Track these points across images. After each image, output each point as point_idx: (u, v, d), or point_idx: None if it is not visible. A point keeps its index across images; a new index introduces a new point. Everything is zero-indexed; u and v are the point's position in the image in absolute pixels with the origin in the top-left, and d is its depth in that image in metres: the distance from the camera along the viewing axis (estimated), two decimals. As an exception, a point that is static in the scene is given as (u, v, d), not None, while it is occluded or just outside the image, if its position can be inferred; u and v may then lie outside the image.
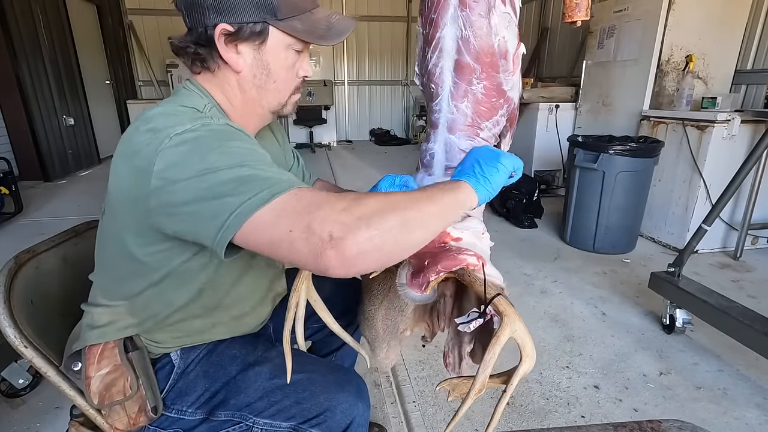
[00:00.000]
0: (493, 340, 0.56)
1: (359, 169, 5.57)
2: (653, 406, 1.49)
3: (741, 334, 1.56)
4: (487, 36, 0.72)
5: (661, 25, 2.89)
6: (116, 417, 0.75)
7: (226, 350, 0.84)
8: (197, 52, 0.67)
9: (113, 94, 6.32)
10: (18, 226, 3.32)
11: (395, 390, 1.56)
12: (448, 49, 0.73)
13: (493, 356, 0.56)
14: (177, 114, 0.63)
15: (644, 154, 2.59)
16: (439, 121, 0.76)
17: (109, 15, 6.20)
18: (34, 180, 4.62)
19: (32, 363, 0.76)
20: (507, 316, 0.58)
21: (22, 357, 0.75)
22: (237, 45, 0.66)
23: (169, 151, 0.56)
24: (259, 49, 0.67)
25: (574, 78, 4.45)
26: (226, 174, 0.53)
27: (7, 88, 4.30)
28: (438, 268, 0.65)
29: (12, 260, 0.81)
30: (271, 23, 0.65)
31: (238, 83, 0.70)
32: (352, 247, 0.47)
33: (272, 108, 0.75)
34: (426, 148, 0.78)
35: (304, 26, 0.67)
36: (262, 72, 0.69)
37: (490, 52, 0.73)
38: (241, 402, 0.76)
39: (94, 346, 0.75)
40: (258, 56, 0.67)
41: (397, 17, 7.71)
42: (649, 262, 2.67)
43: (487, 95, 0.75)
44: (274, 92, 0.72)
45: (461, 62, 0.73)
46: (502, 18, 0.73)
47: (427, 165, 0.77)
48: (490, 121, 0.77)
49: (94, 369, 0.74)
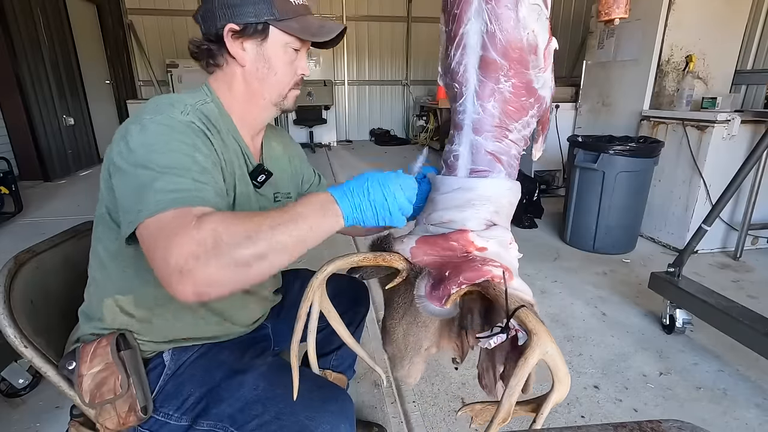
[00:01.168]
0: (520, 362, 0.50)
1: (359, 169, 5.57)
2: (653, 406, 1.49)
3: (741, 334, 1.56)
4: (515, 30, 0.67)
5: (661, 25, 2.89)
6: (107, 416, 0.74)
7: (216, 355, 0.84)
8: (209, 48, 0.78)
9: (113, 94, 6.32)
10: (18, 226, 3.32)
11: (395, 390, 1.57)
12: (472, 44, 0.68)
13: (520, 381, 0.50)
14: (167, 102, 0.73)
15: (644, 154, 2.59)
16: (464, 122, 0.71)
17: (109, 15, 6.20)
18: (34, 180, 4.62)
19: (32, 363, 0.76)
20: (536, 334, 0.51)
21: (22, 357, 0.75)
22: (242, 42, 0.76)
23: (130, 127, 0.68)
24: (261, 46, 0.77)
25: (574, 78, 4.45)
26: (150, 176, 0.61)
27: (7, 88, 4.30)
28: (460, 279, 0.61)
29: (12, 260, 0.81)
30: (271, 23, 0.76)
31: (243, 76, 0.80)
32: (201, 280, 0.52)
33: (273, 99, 0.82)
34: (449, 150, 0.73)
35: (299, 26, 0.77)
36: (263, 65, 0.78)
37: (518, 47, 0.67)
38: (223, 412, 0.75)
39: (87, 344, 0.76)
40: (260, 51, 0.78)
41: (397, 17, 7.71)
42: (649, 262, 2.67)
43: (515, 94, 0.69)
44: (275, 84, 0.80)
45: (487, 58, 0.68)
46: (532, 10, 0.68)
47: (451, 167, 0.73)
48: (519, 122, 0.72)
49: (87, 367, 0.74)
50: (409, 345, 0.74)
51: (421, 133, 7.35)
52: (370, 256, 0.68)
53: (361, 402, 1.51)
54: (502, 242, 0.69)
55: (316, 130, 7.33)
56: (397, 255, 0.70)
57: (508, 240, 0.70)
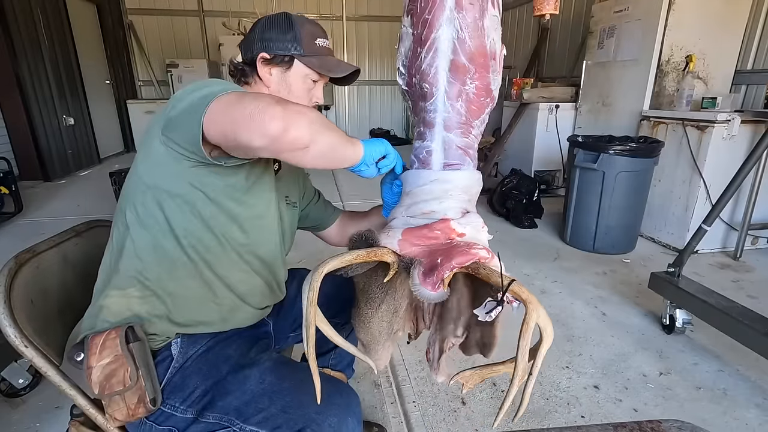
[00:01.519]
0: (524, 328, 0.59)
1: (359, 169, 5.57)
2: (653, 406, 1.50)
3: (741, 334, 1.56)
4: (481, 37, 0.76)
5: (661, 25, 2.90)
6: (115, 408, 0.75)
7: (222, 349, 0.85)
8: (243, 69, 0.94)
9: (113, 93, 6.33)
10: (18, 226, 3.32)
11: (395, 390, 1.57)
12: (443, 49, 0.76)
13: (527, 342, 0.59)
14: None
15: (644, 154, 2.59)
16: (435, 120, 0.78)
17: (109, 15, 6.21)
18: (34, 180, 4.62)
19: (32, 363, 0.76)
20: (531, 303, 0.61)
21: (22, 357, 0.76)
22: (271, 68, 0.92)
23: (180, 90, 0.76)
24: (285, 73, 0.92)
25: (574, 78, 4.45)
26: (209, 89, 0.71)
27: (7, 88, 4.31)
28: (452, 264, 0.67)
29: (12, 260, 0.81)
30: (297, 57, 0.91)
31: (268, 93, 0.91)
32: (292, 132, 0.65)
33: None
34: (421, 146, 0.80)
35: (319, 63, 0.93)
36: (284, 89, 0.93)
37: (483, 53, 0.77)
38: (229, 405, 0.77)
39: (96, 336, 0.77)
40: (284, 78, 0.92)
41: (397, 17, 7.60)
42: (649, 262, 2.67)
43: (477, 95, 0.78)
44: None
45: (457, 62, 0.76)
46: (492, 21, 0.78)
47: (424, 161, 0.79)
48: (479, 119, 0.81)
49: (96, 359, 0.75)
50: (383, 331, 0.81)
51: (421, 133, 7.35)
52: (363, 253, 0.72)
53: (361, 402, 1.50)
54: (477, 227, 0.77)
55: (316, 130, 7.32)
56: (386, 249, 0.75)
57: (480, 224, 0.78)
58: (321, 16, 7.46)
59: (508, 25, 6.37)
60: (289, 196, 1.04)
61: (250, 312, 0.94)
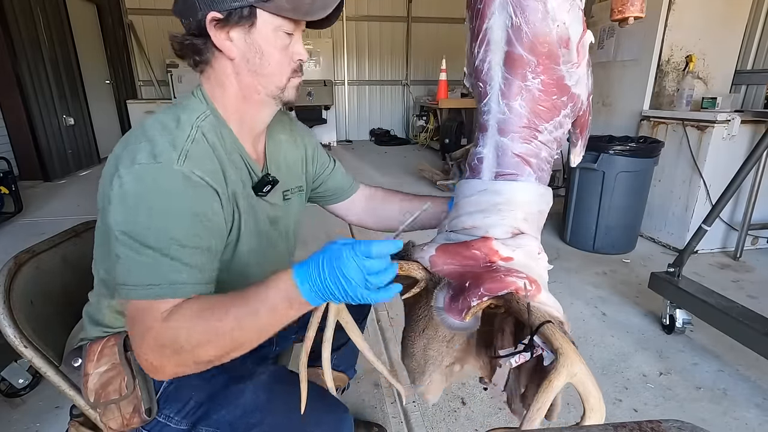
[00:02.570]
0: (544, 385, 0.45)
1: (359, 169, 5.57)
2: (653, 406, 1.49)
3: (741, 334, 1.56)
4: (543, 22, 0.62)
5: (661, 25, 2.89)
6: (111, 416, 0.74)
7: None
8: (193, 42, 0.70)
9: (113, 93, 6.31)
10: (18, 226, 3.32)
11: (395, 390, 1.56)
12: (496, 40, 0.63)
13: (542, 407, 0.45)
14: (163, 132, 0.68)
15: (644, 154, 2.59)
16: (489, 123, 0.66)
17: (109, 15, 6.20)
18: (34, 180, 4.62)
19: (32, 363, 0.76)
20: (563, 354, 0.46)
21: (22, 357, 0.75)
22: (228, 31, 0.68)
23: (119, 192, 0.63)
24: (250, 33, 0.68)
25: (574, 78, 4.44)
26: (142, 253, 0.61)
27: (7, 88, 4.30)
28: (481, 291, 0.56)
29: (12, 260, 0.81)
30: (258, 5, 0.67)
31: (234, 71, 0.72)
32: (166, 372, 0.61)
33: (271, 92, 0.75)
34: (474, 152, 0.69)
35: (289, 4, 0.68)
36: (255, 55, 0.70)
37: (547, 41, 0.62)
38: (222, 418, 0.75)
39: (95, 343, 0.76)
40: (249, 40, 0.69)
41: (397, 17, 7.70)
42: (649, 262, 2.67)
43: (545, 92, 0.64)
44: (270, 75, 0.72)
45: (513, 54, 0.63)
46: (562, 0, 0.63)
47: (474, 169, 0.68)
48: (550, 122, 0.66)
49: (93, 366, 0.74)
50: (428, 360, 0.68)
51: (421, 133, 7.35)
52: None
53: (361, 402, 1.51)
54: (530, 253, 0.64)
55: (316, 130, 7.32)
56: (416, 264, 0.65)
57: (536, 250, 0.65)
58: None
59: (508, 25, 6.36)
60: (289, 188, 0.92)
61: None
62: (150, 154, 0.64)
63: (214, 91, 0.74)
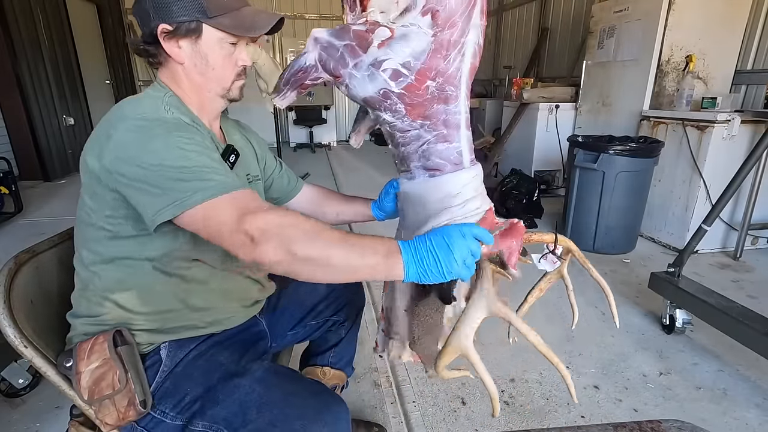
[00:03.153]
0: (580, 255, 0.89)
1: (359, 169, 5.57)
2: (653, 406, 1.49)
3: (741, 334, 1.56)
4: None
5: (661, 25, 2.89)
6: (106, 412, 0.74)
7: (214, 355, 0.84)
8: (146, 49, 0.80)
9: (113, 93, 6.32)
10: (18, 226, 3.32)
11: (395, 390, 1.57)
12: (468, 54, 0.78)
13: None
14: (136, 105, 0.76)
15: (644, 154, 2.59)
16: (460, 121, 0.80)
17: (109, 15, 6.20)
18: (34, 180, 4.62)
19: (32, 363, 0.76)
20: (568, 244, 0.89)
21: (22, 357, 0.75)
22: (178, 41, 0.77)
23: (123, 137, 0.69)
24: (196, 43, 0.78)
25: (574, 78, 4.45)
26: (168, 170, 0.66)
27: (7, 88, 4.30)
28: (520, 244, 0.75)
29: (12, 260, 0.81)
30: (203, 21, 0.76)
31: (184, 72, 0.82)
32: (264, 257, 0.61)
33: (217, 92, 0.85)
34: (450, 148, 0.81)
35: (231, 22, 0.78)
36: (200, 61, 0.80)
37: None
38: (218, 414, 0.75)
39: (84, 342, 0.76)
40: (196, 49, 0.79)
41: (397, 17, 7.70)
42: (649, 262, 2.67)
43: (468, 95, 0.83)
44: (215, 78, 0.83)
45: (474, 66, 0.79)
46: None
47: (456, 162, 0.81)
48: None
49: (84, 364, 0.74)
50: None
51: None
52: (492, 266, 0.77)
53: (361, 402, 1.51)
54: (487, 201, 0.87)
55: (315, 130, 7.33)
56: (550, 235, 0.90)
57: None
58: (321, 16, 7.46)
59: (508, 25, 6.37)
60: (249, 173, 0.98)
61: (236, 311, 0.93)
62: (137, 113, 0.73)
63: (171, 84, 0.84)
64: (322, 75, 0.78)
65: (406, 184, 0.85)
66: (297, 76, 0.79)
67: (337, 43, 0.74)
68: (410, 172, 0.84)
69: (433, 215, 0.81)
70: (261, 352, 0.98)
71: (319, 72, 0.78)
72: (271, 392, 0.76)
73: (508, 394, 1.54)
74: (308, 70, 0.78)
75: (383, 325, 0.97)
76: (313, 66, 0.77)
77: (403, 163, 0.85)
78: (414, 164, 0.83)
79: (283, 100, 0.83)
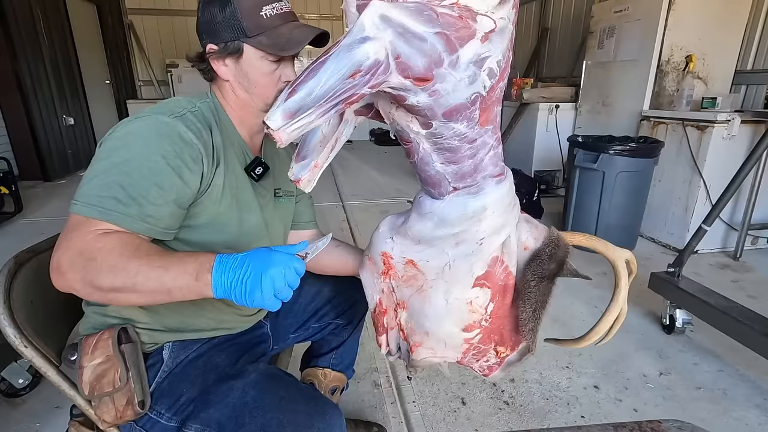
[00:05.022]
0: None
1: (359, 169, 5.57)
2: (653, 406, 1.49)
3: (741, 335, 1.56)
4: None
5: (661, 25, 2.89)
6: (105, 409, 0.75)
7: (212, 357, 0.84)
8: (199, 67, 0.87)
9: (113, 94, 6.32)
10: (18, 226, 3.32)
11: (395, 390, 1.57)
12: None
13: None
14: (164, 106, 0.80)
15: (644, 154, 2.59)
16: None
17: (109, 15, 6.20)
18: (34, 180, 4.62)
19: (32, 363, 0.76)
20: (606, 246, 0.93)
21: (22, 357, 0.75)
22: (223, 59, 0.82)
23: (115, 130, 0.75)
24: (239, 62, 0.82)
25: (574, 78, 4.45)
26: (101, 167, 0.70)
27: (7, 88, 4.30)
28: None
29: (12, 260, 0.81)
30: (243, 41, 0.80)
31: (231, 88, 0.86)
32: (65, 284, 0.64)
33: (260, 107, 0.87)
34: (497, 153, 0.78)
35: (269, 41, 0.80)
36: (243, 79, 0.84)
37: None
38: (211, 417, 0.74)
39: (90, 336, 0.77)
40: (239, 67, 0.83)
41: (397, 17, 7.70)
42: (649, 262, 2.67)
43: None
44: (258, 95, 0.86)
45: None
46: None
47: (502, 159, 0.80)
48: None
49: (88, 359, 0.75)
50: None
51: (421, 133, 7.35)
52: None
53: (361, 402, 1.51)
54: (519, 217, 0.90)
55: (316, 130, 7.31)
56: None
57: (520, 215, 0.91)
58: (321, 16, 7.45)
59: (508, 25, 6.36)
60: (281, 188, 0.99)
61: (243, 320, 0.93)
62: (149, 112, 0.77)
63: (219, 96, 0.89)
64: (392, 79, 0.51)
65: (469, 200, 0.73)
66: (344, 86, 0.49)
67: (423, 29, 0.49)
68: (475, 185, 0.72)
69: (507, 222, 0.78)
70: (260, 355, 0.98)
71: (389, 74, 0.50)
72: (264, 397, 0.75)
73: (508, 394, 1.54)
74: (372, 70, 0.48)
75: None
76: (381, 63, 0.48)
77: (463, 179, 0.71)
78: (481, 174, 0.71)
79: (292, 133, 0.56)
